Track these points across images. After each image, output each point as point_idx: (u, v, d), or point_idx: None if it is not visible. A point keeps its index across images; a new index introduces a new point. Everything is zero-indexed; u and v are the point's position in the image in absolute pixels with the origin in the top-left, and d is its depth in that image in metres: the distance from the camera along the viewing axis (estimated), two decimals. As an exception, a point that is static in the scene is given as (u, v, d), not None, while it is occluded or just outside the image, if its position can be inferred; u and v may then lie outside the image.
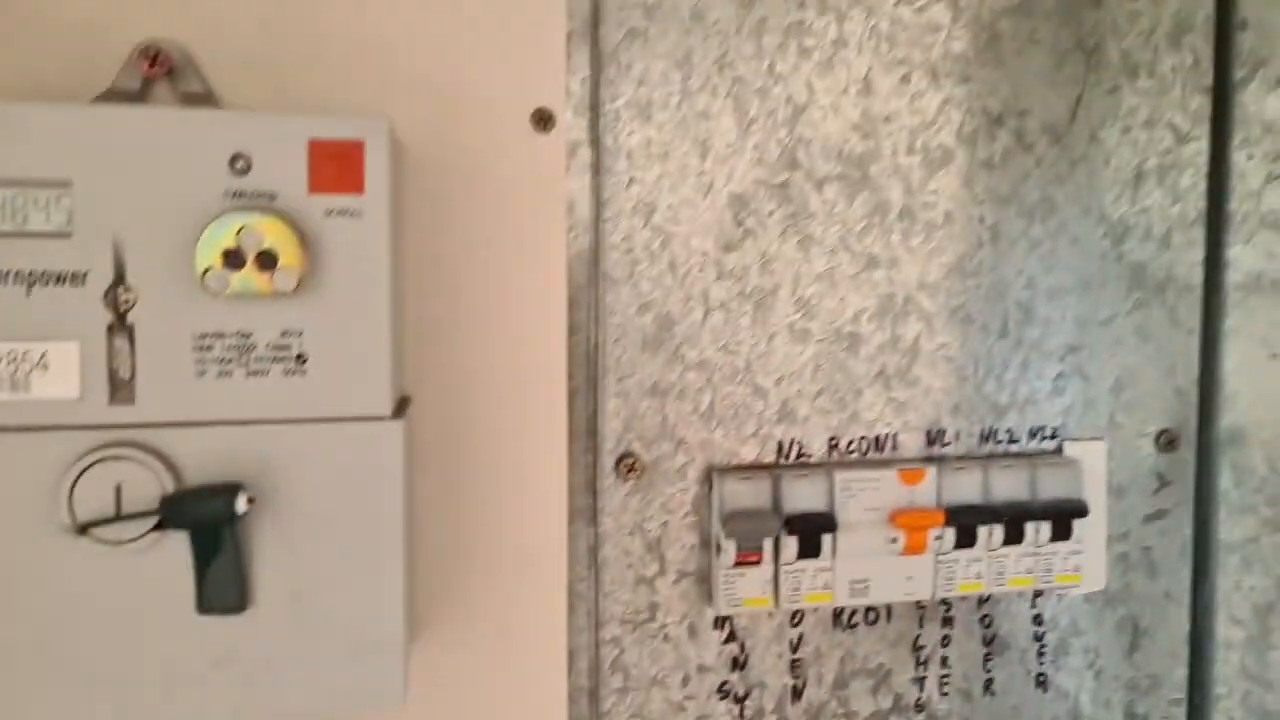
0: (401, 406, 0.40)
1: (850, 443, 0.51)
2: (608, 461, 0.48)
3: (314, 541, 0.37)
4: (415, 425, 0.43)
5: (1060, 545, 0.53)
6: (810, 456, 0.51)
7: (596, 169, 0.47)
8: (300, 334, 0.36)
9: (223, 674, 0.36)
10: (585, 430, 0.48)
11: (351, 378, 0.37)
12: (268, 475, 0.36)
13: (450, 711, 0.46)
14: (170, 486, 0.35)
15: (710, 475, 0.49)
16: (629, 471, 0.48)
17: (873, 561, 0.50)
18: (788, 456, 0.51)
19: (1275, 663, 0.53)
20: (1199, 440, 0.57)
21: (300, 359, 0.36)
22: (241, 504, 0.34)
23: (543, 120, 0.45)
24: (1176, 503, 0.57)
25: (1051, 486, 0.53)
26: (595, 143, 0.47)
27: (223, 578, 0.35)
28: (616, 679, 0.49)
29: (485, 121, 0.44)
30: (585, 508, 0.49)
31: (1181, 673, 0.57)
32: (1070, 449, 0.55)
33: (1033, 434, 0.54)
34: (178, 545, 0.35)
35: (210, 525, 0.35)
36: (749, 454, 0.50)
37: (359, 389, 0.37)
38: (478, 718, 0.46)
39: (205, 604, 0.36)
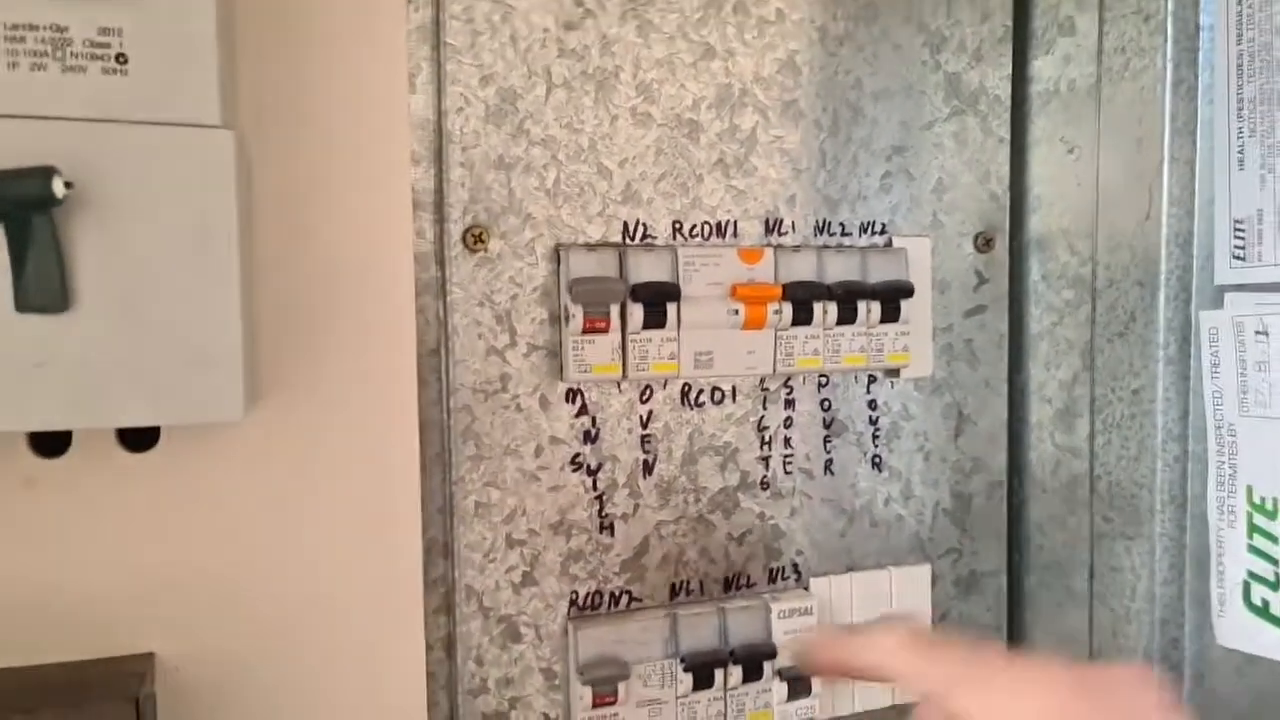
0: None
1: (693, 227, 0.54)
2: (454, 231, 0.49)
3: (142, 247, 0.36)
4: (252, 166, 0.43)
5: (890, 326, 0.57)
6: (655, 239, 0.53)
7: (436, -59, 0.48)
8: (120, 32, 0.35)
9: (48, 374, 0.35)
10: (431, 202, 0.49)
11: (176, 82, 0.36)
12: (91, 177, 0.35)
13: (301, 479, 0.46)
14: (-20, 173, 0.34)
15: (558, 251, 0.51)
16: (476, 242, 0.49)
17: (716, 334, 0.53)
18: (633, 237, 0.53)
19: (1080, 429, 0.58)
20: (1011, 242, 0.62)
21: (121, 58, 0.36)
22: (59, 187, 0.34)
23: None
24: (993, 298, 0.62)
25: (881, 272, 0.57)
26: (434, -86, 0.48)
27: (42, 273, 0.35)
28: (469, 447, 0.50)
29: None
30: (432, 280, 0.49)
31: (1001, 457, 0.63)
32: (899, 243, 0.59)
33: (864, 228, 0.58)
34: (-9, 239, 0.34)
35: (26, 207, 0.34)
36: (595, 233, 0.52)
37: (184, 94, 0.37)
38: (330, 483, 0.46)
39: (23, 301, 0.35)
